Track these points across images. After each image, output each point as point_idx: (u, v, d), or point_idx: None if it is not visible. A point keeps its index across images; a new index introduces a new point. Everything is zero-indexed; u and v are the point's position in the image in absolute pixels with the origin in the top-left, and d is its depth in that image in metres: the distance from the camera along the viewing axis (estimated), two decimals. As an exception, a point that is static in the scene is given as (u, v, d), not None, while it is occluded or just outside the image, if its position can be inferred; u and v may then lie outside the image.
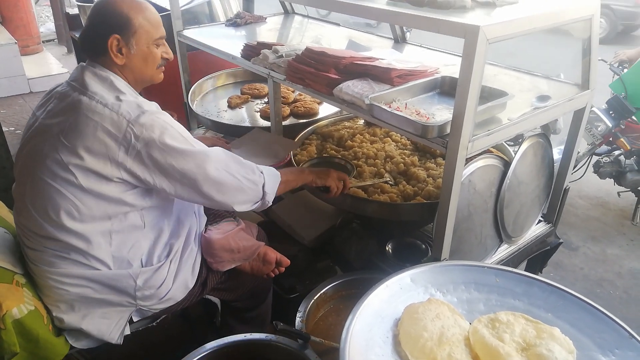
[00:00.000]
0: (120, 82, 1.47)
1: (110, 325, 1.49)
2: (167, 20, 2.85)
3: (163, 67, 1.60)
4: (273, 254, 1.71)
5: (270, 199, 1.58)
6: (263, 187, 1.54)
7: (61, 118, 1.40)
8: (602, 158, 3.47)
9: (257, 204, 1.58)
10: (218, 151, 1.50)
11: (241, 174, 1.50)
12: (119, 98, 1.41)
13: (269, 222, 2.17)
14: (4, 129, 2.77)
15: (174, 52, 2.63)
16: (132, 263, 1.49)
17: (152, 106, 1.45)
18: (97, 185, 1.37)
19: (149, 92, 1.63)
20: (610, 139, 3.35)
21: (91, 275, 1.44)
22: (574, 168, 2.73)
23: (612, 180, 3.49)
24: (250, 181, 1.52)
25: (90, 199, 1.38)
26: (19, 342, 1.36)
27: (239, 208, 1.54)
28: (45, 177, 1.38)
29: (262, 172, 1.56)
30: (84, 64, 1.50)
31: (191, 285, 1.60)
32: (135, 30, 1.46)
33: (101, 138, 1.35)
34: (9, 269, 1.49)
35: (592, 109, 3.21)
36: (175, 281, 1.55)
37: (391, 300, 1.29)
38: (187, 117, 2.78)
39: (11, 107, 5.05)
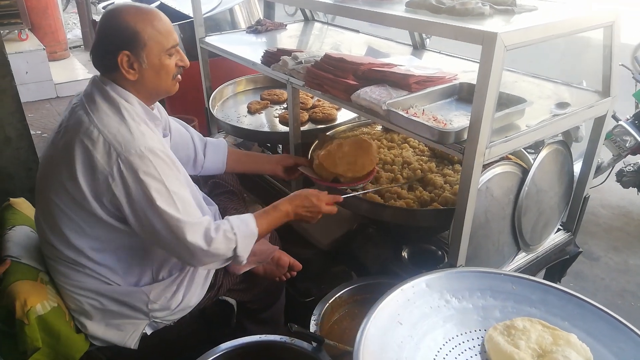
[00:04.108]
0: (129, 106, 1.41)
1: (125, 336, 1.52)
2: (190, 27, 2.92)
3: (179, 77, 1.52)
4: (286, 258, 1.74)
5: (242, 260, 1.48)
6: (235, 250, 1.44)
7: (65, 136, 1.39)
8: (625, 167, 3.41)
9: (223, 265, 1.51)
10: (196, 218, 1.39)
11: (217, 242, 1.39)
12: (120, 127, 1.36)
13: (285, 226, 2.19)
14: (32, 132, 2.85)
15: (197, 59, 2.71)
16: (143, 278, 1.52)
17: (152, 142, 1.37)
18: (92, 208, 1.37)
19: (172, 96, 1.65)
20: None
21: (104, 290, 1.48)
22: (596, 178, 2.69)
23: (635, 189, 3.42)
24: (224, 248, 1.42)
25: (91, 218, 1.39)
26: (42, 338, 1.40)
27: (202, 268, 1.49)
28: (50, 194, 1.41)
29: (235, 234, 1.43)
30: (97, 78, 1.46)
31: (202, 295, 1.62)
32: (145, 43, 1.38)
33: (90, 166, 1.32)
34: (34, 266, 1.55)
35: (620, 122, 3.17)
36: (186, 294, 1.57)
37: (406, 305, 1.29)
38: (207, 122, 2.83)
39: (39, 111, 5.20)
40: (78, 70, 6.07)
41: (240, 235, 1.43)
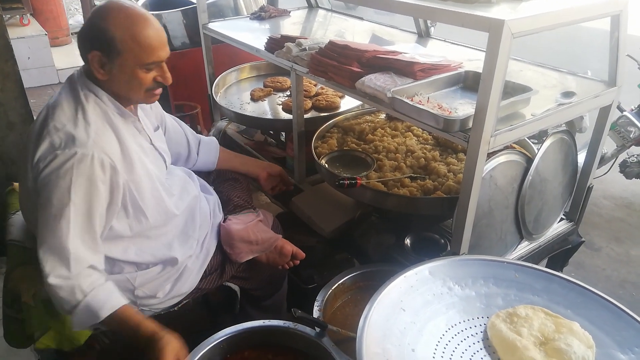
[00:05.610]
0: (87, 109, 1.37)
1: None
2: (193, 13, 2.89)
3: (158, 90, 1.44)
4: (289, 247, 1.75)
5: (75, 325, 1.31)
6: (73, 309, 1.28)
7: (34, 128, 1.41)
8: (629, 158, 3.41)
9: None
10: (63, 242, 1.27)
11: (63, 283, 1.27)
12: (67, 128, 1.33)
13: (289, 213, 2.20)
14: (35, 118, 2.85)
15: (200, 46, 2.70)
16: (124, 267, 1.50)
17: (86, 149, 1.29)
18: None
19: (175, 83, 1.63)
20: None
21: None
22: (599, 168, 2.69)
23: (638, 180, 3.41)
24: (64, 297, 1.27)
25: None
26: (48, 321, 1.41)
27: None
28: (27, 184, 1.39)
29: (85, 295, 1.27)
30: (80, 70, 1.46)
31: (194, 286, 1.62)
32: (119, 52, 1.32)
33: (31, 156, 1.33)
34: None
35: (624, 113, 3.16)
36: (175, 285, 1.57)
37: (409, 292, 1.29)
38: (210, 109, 2.82)
39: (41, 97, 5.18)
40: (79, 56, 6.03)
41: (89, 298, 1.27)
